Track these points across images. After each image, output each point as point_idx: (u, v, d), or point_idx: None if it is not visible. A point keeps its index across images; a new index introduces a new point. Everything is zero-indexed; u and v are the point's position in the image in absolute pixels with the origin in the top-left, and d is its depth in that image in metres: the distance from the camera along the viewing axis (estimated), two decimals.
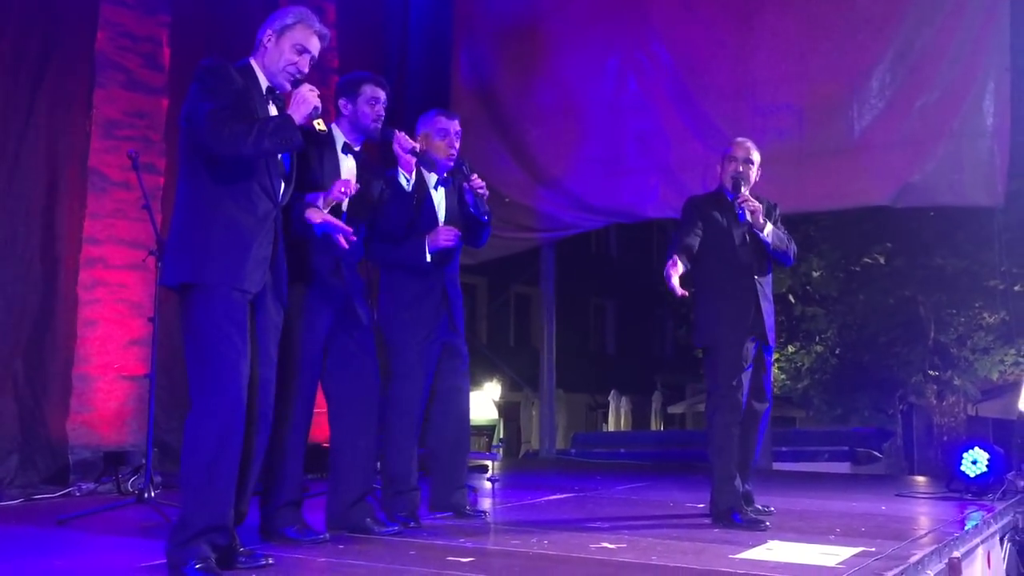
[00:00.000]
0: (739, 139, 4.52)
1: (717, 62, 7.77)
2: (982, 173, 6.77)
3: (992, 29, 6.79)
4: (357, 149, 3.64)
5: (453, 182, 4.15)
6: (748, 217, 4.18)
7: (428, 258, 3.95)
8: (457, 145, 4.10)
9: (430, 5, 8.47)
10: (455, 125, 4.10)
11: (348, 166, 3.60)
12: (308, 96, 2.95)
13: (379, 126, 3.64)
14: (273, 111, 3.02)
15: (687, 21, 7.96)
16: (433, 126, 4.08)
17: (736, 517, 4.03)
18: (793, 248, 4.41)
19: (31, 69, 5.31)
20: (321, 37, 3.11)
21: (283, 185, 3.06)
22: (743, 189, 4.24)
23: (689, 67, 7.88)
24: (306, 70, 3.07)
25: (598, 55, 8.22)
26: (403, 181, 3.71)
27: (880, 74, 7.17)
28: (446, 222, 4.06)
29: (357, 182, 3.48)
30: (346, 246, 3.33)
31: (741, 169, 4.34)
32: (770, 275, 4.42)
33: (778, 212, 4.53)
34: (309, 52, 3.07)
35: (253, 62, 3.07)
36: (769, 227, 4.27)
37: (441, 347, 4.08)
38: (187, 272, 2.84)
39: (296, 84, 3.02)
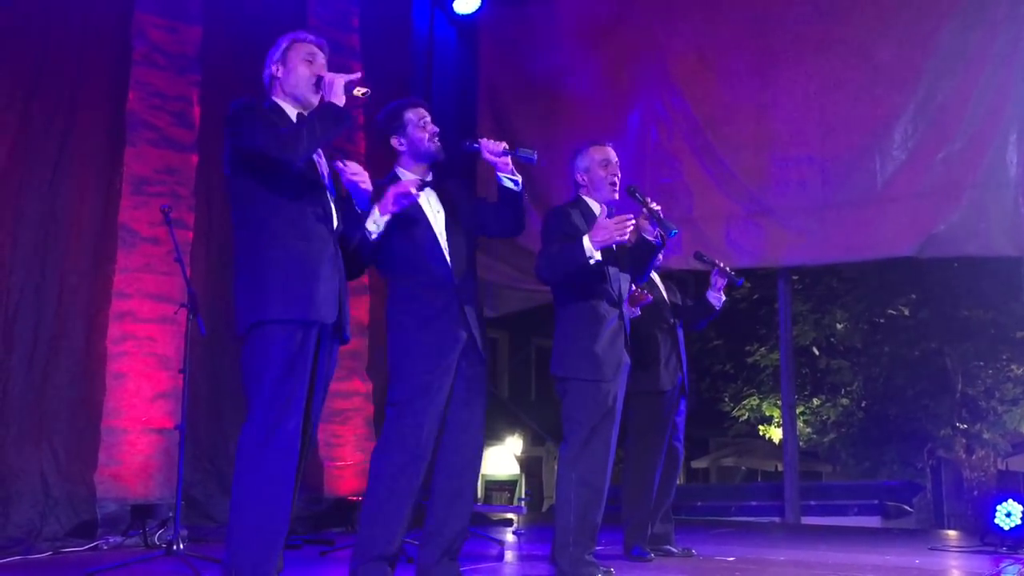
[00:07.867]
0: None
1: (736, 114, 7.84)
2: (1006, 223, 6.75)
3: (1013, 79, 6.81)
4: (430, 179, 3.40)
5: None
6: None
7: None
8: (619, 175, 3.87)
9: (454, 65, 8.63)
10: (614, 155, 3.87)
11: (434, 204, 3.38)
12: (336, 80, 2.95)
13: (437, 142, 3.36)
14: None
15: (704, 75, 8.04)
16: (591, 157, 3.85)
17: None
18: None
19: (59, 130, 5.43)
20: (319, 45, 3.12)
21: (335, 211, 3.03)
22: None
23: (709, 119, 7.94)
24: (324, 74, 3.06)
25: (620, 110, 8.30)
26: (508, 183, 3.37)
27: (902, 126, 7.19)
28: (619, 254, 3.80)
29: (452, 203, 3.38)
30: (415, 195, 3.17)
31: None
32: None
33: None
34: (319, 54, 3.10)
35: (276, 100, 3.10)
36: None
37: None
38: (252, 312, 2.78)
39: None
